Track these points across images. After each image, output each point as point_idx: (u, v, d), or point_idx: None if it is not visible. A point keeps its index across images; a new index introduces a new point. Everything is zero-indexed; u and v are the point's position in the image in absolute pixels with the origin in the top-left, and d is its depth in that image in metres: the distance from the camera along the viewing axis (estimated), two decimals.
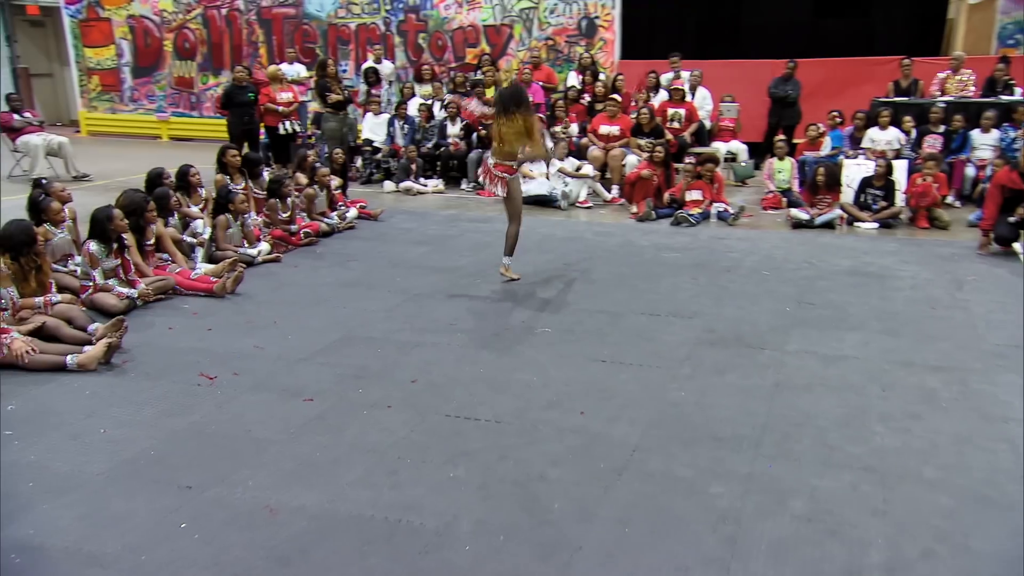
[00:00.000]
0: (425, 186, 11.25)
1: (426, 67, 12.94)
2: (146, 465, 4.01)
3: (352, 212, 9.21)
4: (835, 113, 10.98)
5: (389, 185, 11.40)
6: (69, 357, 5.08)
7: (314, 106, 12.95)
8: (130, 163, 12.96)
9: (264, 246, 7.69)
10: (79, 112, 17.39)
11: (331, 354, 5.50)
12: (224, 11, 15.65)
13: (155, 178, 7.62)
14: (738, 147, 11.77)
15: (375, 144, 11.81)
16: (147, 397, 4.82)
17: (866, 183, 9.38)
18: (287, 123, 11.41)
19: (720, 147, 11.66)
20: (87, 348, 5.16)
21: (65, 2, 16.69)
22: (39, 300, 5.66)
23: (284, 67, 13.63)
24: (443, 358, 5.48)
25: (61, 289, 6.39)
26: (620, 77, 12.03)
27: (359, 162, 11.97)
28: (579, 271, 7.58)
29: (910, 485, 3.87)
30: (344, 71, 15.04)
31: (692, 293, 6.87)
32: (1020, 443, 4.26)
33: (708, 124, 11.90)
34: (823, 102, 11.78)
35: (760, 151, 11.92)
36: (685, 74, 12.00)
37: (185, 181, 8.00)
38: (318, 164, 9.09)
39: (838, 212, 9.16)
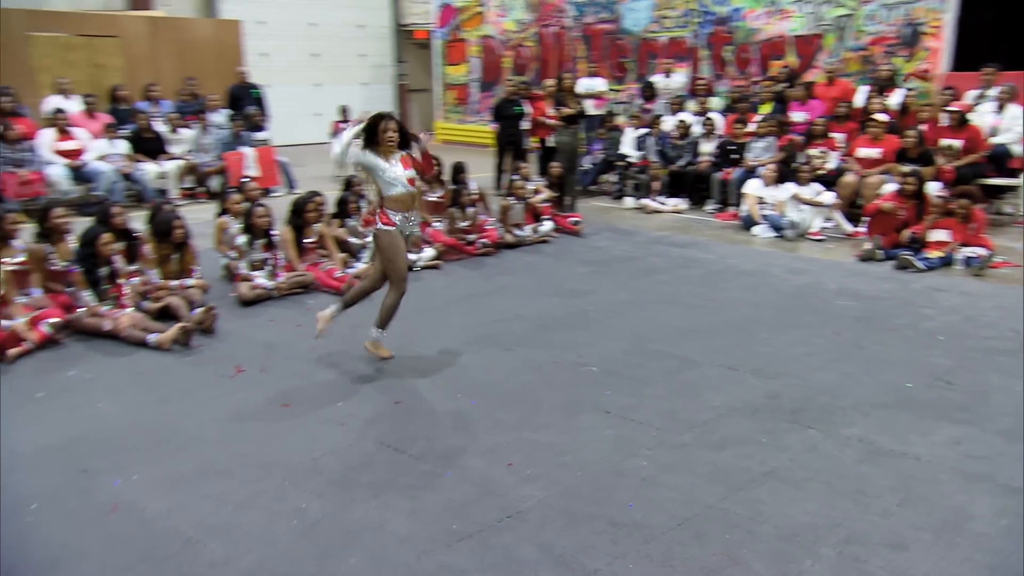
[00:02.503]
0: (664, 204, 10.73)
1: (701, 82, 12.28)
2: (84, 445, 4.44)
3: (547, 226, 9.12)
4: None
5: (629, 201, 11.10)
6: (151, 336, 5.80)
7: (622, 120, 13.00)
8: None
9: (428, 252, 7.98)
10: (435, 122, 19.44)
11: (360, 363, 5.60)
12: (553, 29, 16.36)
13: (346, 185, 8.33)
14: None
15: (629, 159, 11.52)
16: (167, 380, 5.35)
17: None
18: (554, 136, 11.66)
19: None
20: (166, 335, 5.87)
21: (438, 26, 18.76)
22: (175, 283, 6.57)
23: (583, 81, 13.91)
24: (455, 383, 5.33)
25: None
26: (910, 91, 10.29)
27: (613, 176, 11.80)
28: (710, 310, 6.80)
29: None
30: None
31: (809, 350, 5.80)
32: None
33: (1019, 149, 9.59)
34: None
35: None
36: (992, 92, 9.82)
37: None
38: (515, 177, 9.17)
39: None
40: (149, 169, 11.15)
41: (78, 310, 6.01)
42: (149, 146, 11.44)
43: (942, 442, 4.46)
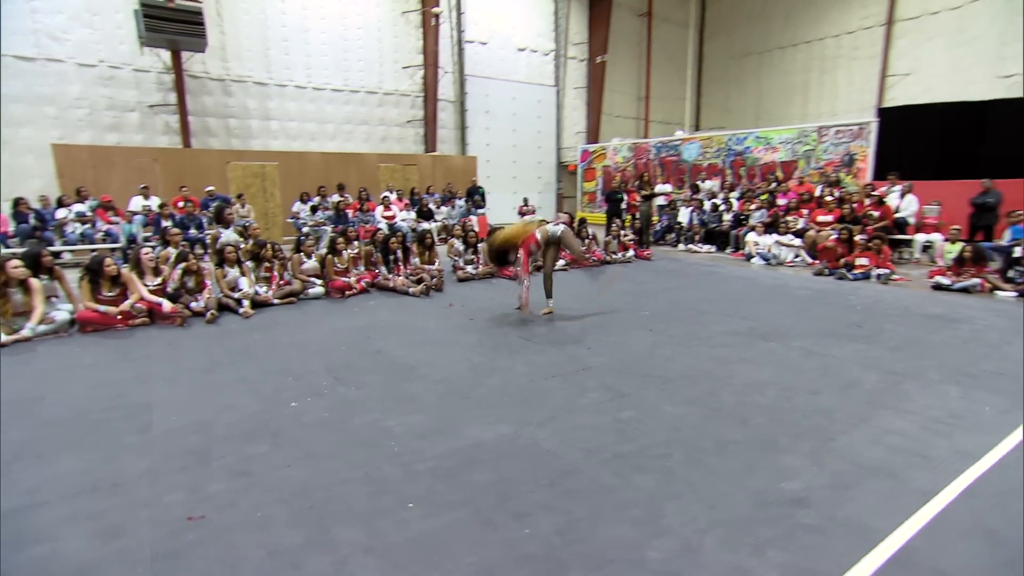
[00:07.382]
0: (700, 248, 10.91)
1: (727, 183, 12.38)
2: (370, 328, 5.22)
3: (630, 253, 9.55)
4: (1019, 213, 7.69)
5: (680, 247, 11.33)
6: (411, 289, 6.69)
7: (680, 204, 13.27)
8: None
9: (560, 262, 8.56)
10: (578, 212, 20.21)
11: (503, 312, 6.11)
12: (643, 160, 16.84)
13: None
14: (935, 237, 8.87)
15: (682, 224, 11.78)
16: (414, 308, 5.93)
17: (1014, 261, 6.60)
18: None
19: (920, 237, 9.01)
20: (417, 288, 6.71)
21: (580, 161, 19.67)
22: (427, 267, 7.36)
23: (660, 186, 14.30)
24: (565, 314, 5.78)
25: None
26: (844, 188, 10.06)
27: (672, 234, 12.07)
28: (719, 292, 6.92)
29: None
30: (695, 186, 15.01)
31: (777, 310, 5.88)
32: None
33: (912, 220, 9.23)
34: None
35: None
36: (897, 188, 9.50)
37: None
38: (613, 227, 9.71)
39: (977, 281, 6.65)
40: (425, 226, 12.57)
41: (378, 276, 7.05)
42: (425, 215, 12.95)
43: (850, 351, 4.52)
